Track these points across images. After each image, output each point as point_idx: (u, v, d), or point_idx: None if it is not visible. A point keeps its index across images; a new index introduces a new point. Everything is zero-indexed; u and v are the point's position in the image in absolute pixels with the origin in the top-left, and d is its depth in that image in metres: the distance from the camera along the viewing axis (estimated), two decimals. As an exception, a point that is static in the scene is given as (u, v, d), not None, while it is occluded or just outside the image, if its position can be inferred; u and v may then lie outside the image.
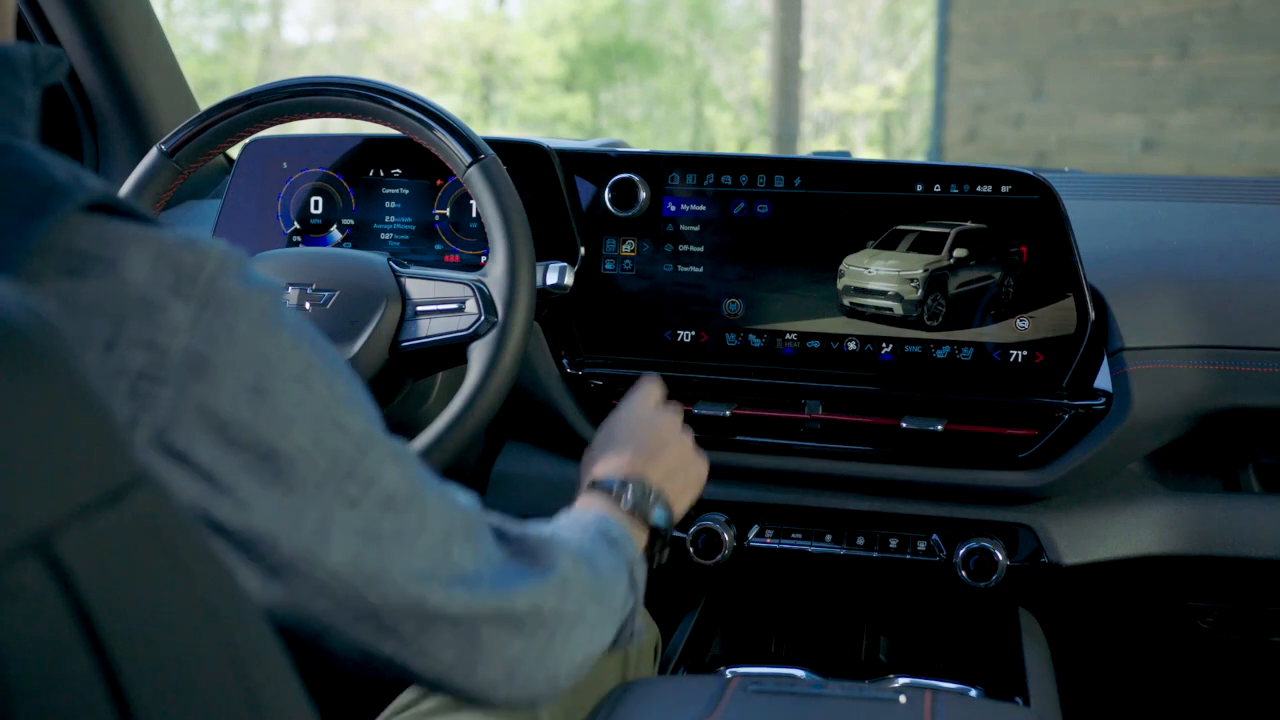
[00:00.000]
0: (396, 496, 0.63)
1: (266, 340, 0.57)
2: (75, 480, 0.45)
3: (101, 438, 0.47)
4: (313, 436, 0.58)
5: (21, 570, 0.42)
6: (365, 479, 0.61)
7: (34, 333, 0.45)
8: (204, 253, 0.55)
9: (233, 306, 0.56)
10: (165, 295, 0.54)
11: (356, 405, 0.62)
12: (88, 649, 0.44)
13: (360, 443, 0.61)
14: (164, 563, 0.49)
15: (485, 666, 0.68)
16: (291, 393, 0.58)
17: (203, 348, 0.54)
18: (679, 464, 1.02)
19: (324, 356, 0.61)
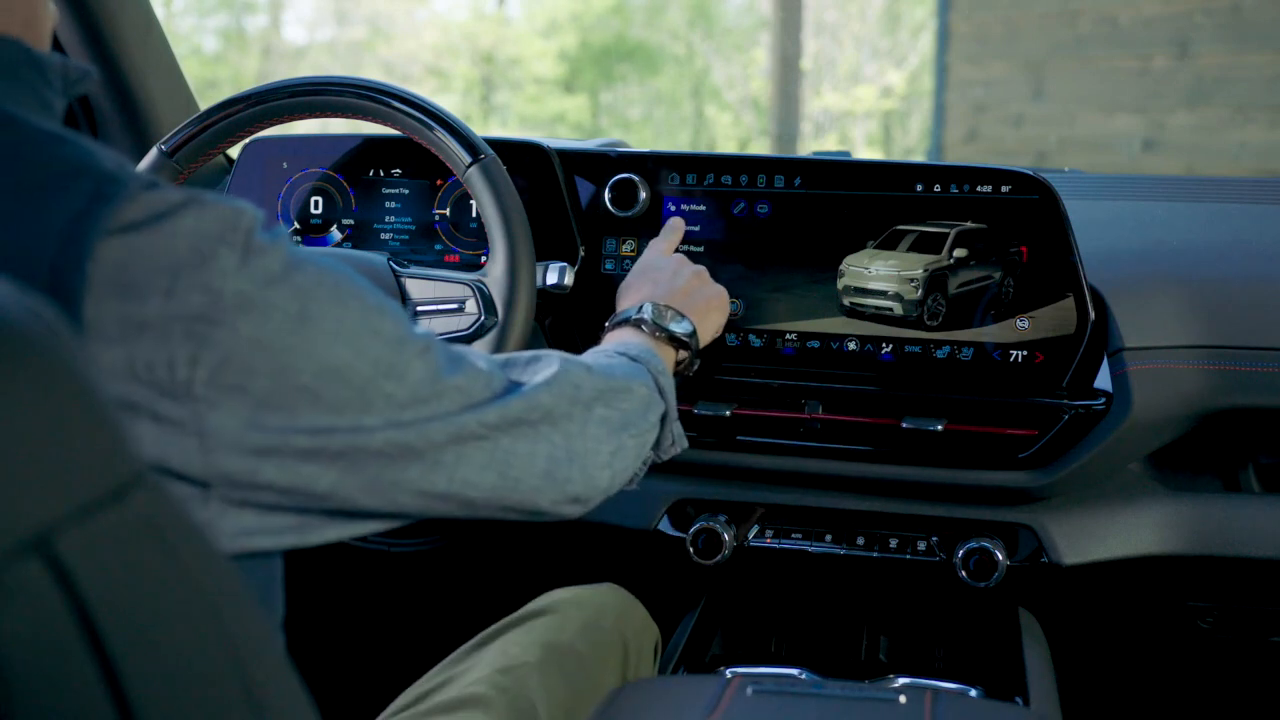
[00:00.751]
0: (422, 381, 0.70)
1: (298, 275, 0.64)
2: (75, 480, 0.45)
3: (101, 437, 0.47)
4: (354, 348, 0.66)
5: (21, 570, 0.42)
6: (399, 374, 0.69)
7: (34, 333, 0.45)
8: (239, 210, 0.62)
9: (267, 251, 0.63)
10: (213, 244, 0.60)
11: (385, 310, 0.69)
12: (88, 649, 0.44)
13: (394, 342, 0.69)
14: (164, 563, 0.49)
15: (525, 478, 0.77)
16: (330, 312, 0.65)
17: (249, 288, 0.61)
18: (695, 289, 1.13)
19: (347, 276, 0.68)
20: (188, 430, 0.60)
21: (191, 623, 0.50)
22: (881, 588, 1.34)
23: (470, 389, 0.74)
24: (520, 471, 0.77)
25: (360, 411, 0.67)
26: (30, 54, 0.65)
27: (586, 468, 0.83)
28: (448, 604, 1.67)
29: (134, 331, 0.58)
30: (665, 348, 1.05)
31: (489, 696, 0.98)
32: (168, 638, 0.48)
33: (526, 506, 0.79)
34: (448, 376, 0.72)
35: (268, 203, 1.43)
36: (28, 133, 0.61)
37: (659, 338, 1.05)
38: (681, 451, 1.00)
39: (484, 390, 0.75)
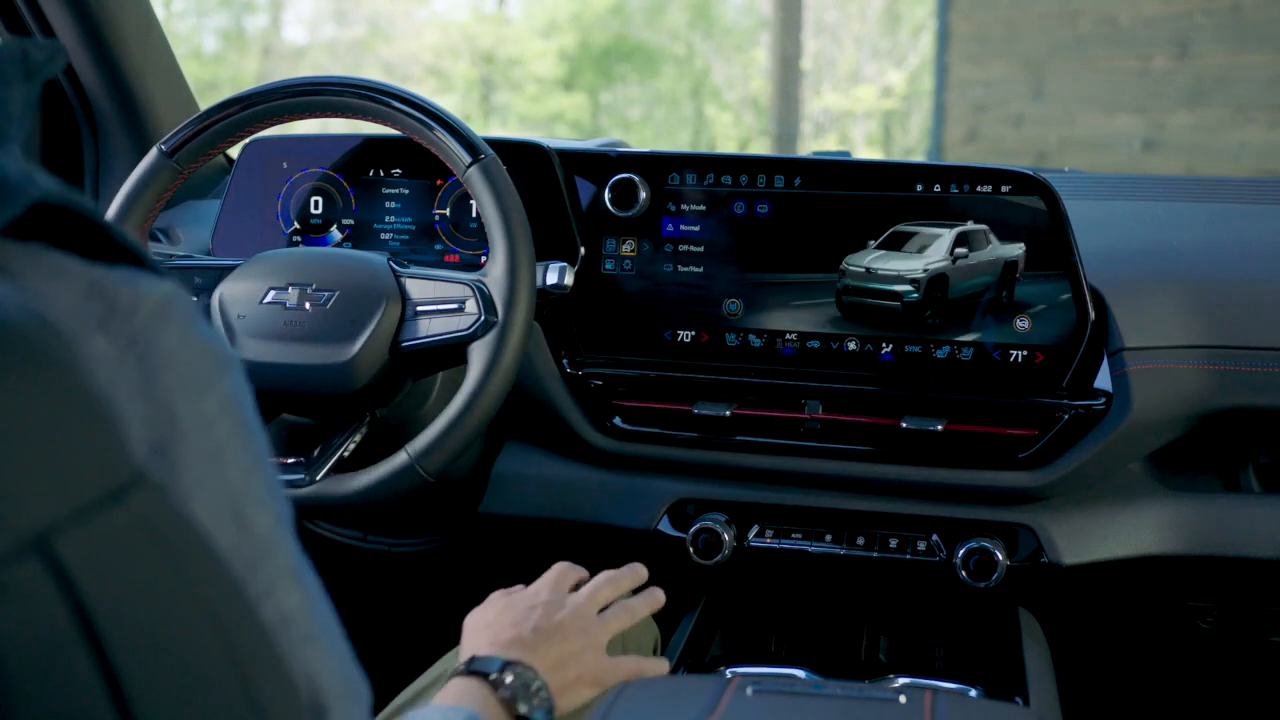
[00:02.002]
0: (291, 622, 0.54)
1: (185, 404, 0.49)
2: (75, 480, 0.45)
3: (101, 438, 0.47)
4: (210, 521, 0.50)
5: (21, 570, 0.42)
6: (261, 589, 0.53)
7: (34, 333, 0.45)
8: (145, 294, 0.49)
9: (159, 357, 0.49)
10: (91, 329, 0.47)
11: (269, 506, 0.53)
12: (88, 649, 0.44)
13: (262, 548, 0.53)
14: (164, 563, 0.49)
15: None
16: (197, 468, 0.50)
17: (118, 388, 0.48)
18: (576, 655, 0.95)
19: (250, 442, 0.53)
20: None
21: (191, 623, 0.50)
22: (881, 588, 1.34)
23: None
24: None
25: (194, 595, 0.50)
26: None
27: None
28: (448, 604, 1.67)
29: None
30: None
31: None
32: (167, 638, 0.48)
33: None
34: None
35: (268, 203, 1.43)
36: None
37: (509, 713, 0.88)
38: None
39: None
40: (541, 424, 1.35)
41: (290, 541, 0.54)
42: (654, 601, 1.05)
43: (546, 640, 0.93)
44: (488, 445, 1.40)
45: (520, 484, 1.37)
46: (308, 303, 1.18)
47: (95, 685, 0.45)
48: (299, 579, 0.54)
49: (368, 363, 1.16)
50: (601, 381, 1.32)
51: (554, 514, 1.37)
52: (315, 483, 1.18)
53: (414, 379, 1.26)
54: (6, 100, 0.53)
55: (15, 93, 0.53)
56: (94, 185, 1.69)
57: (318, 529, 1.56)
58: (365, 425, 1.23)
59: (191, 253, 1.45)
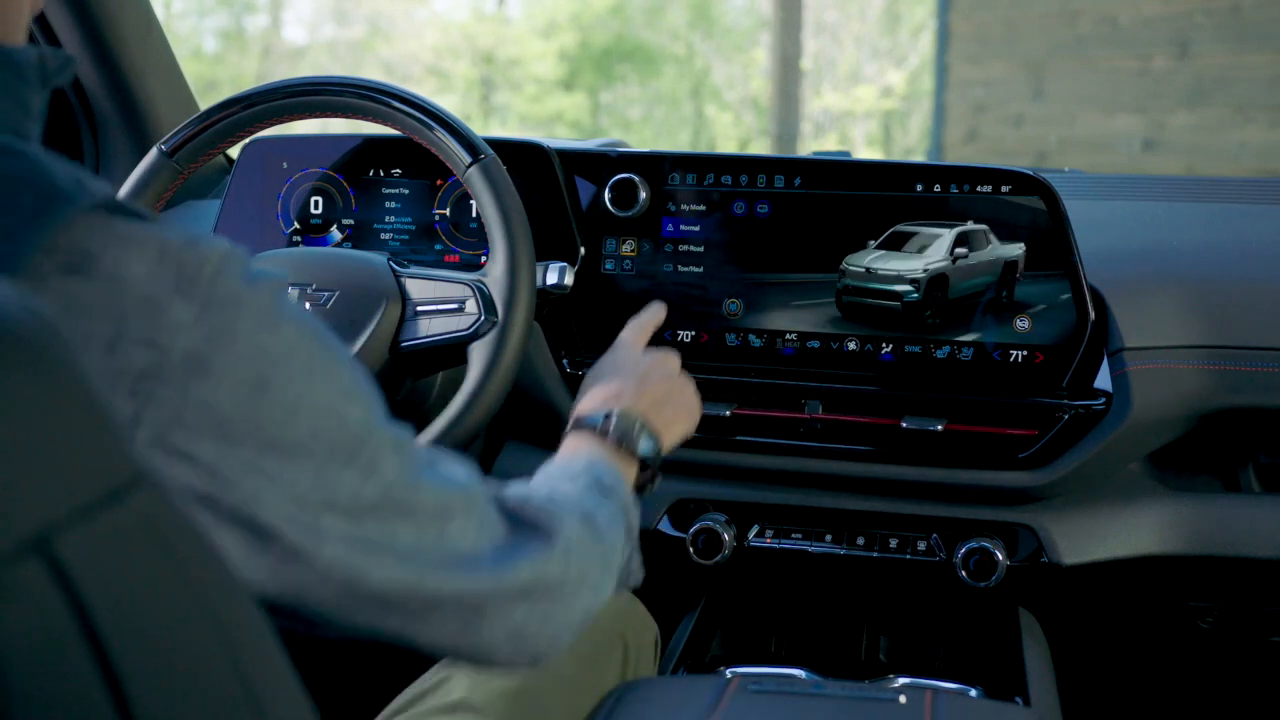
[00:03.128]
0: (394, 485, 0.63)
1: (268, 336, 0.57)
2: (75, 480, 0.45)
3: (101, 438, 0.47)
4: (312, 427, 0.59)
5: (21, 570, 0.42)
6: (364, 468, 0.61)
7: (34, 333, 0.45)
8: (206, 252, 0.55)
9: (234, 305, 0.56)
10: (167, 294, 0.54)
11: (358, 395, 0.62)
12: (88, 649, 0.44)
13: (359, 433, 0.61)
14: (164, 563, 0.49)
15: (488, 632, 0.68)
16: (293, 386, 0.58)
17: (203, 347, 0.55)
18: (665, 394, 1.03)
19: (327, 348, 0.61)
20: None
21: (191, 622, 0.50)
22: (881, 588, 1.34)
23: (461, 536, 0.66)
24: (488, 632, 0.68)
25: (317, 506, 0.59)
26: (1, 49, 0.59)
27: (556, 635, 0.73)
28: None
29: None
30: (630, 464, 0.96)
31: (488, 696, 0.98)
32: (167, 638, 0.48)
33: (479, 657, 0.70)
34: (429, 490, 0.65)
35: (268, 203, 1.43)
36: None
37: (623, 452, 0.96)
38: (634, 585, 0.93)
39: (476, 539, 0.67)
40: (541, 424, 1.35)
41: (385, 421, 0.64)
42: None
43: (638, 388, 1.01)
44: (488, 445, 1.40)
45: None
46: (308, 303, 1.18)
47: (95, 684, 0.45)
48: (399, 446, 0.64)
49: (367, 363, 1.16)
50: (601, 381, 1.32)
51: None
52: (315, 483, 1.17)
53: (414, 379, 1.26)
54: (28, 101, 0.58)
55: (34, 97, 0.58)
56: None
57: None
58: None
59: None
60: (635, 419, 0.97)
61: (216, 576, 0.52)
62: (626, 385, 1.02)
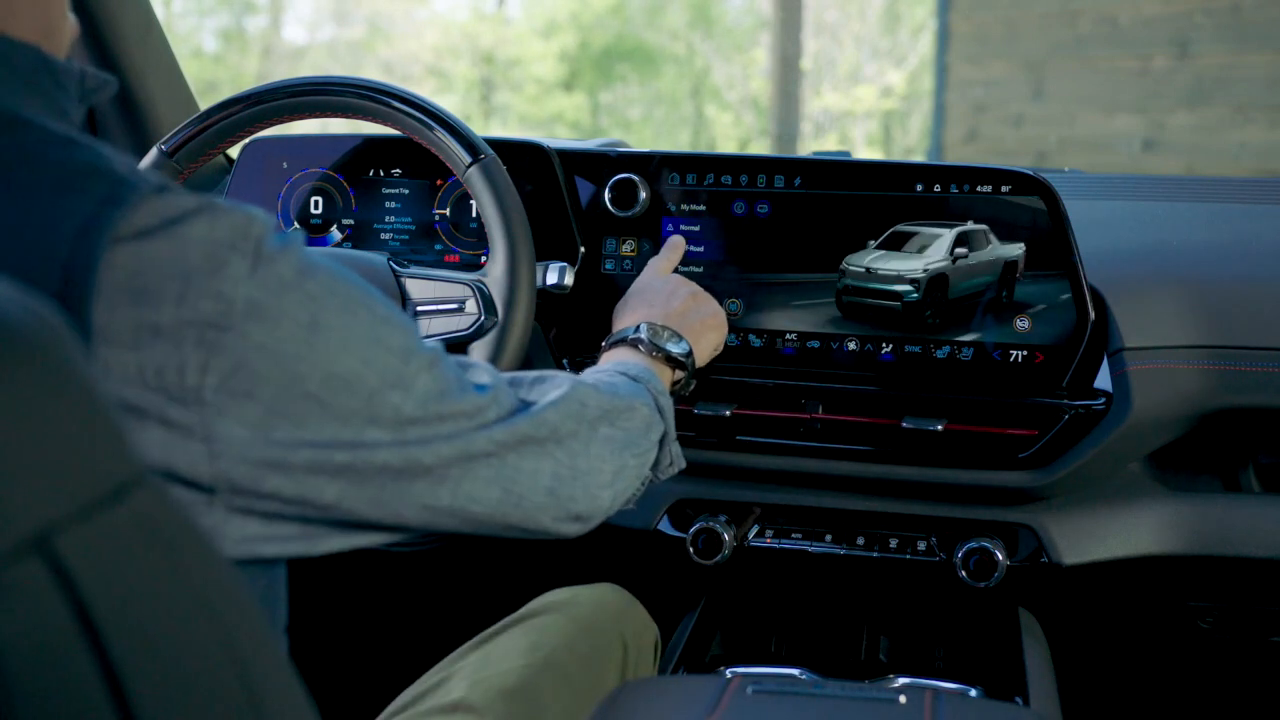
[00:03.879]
0: (430, 400, 0.71)
1: (311, 282, 0.65)
2: (75, 480, 0.45)
3: (101, 438, 0.47)
4: (362, 357, 0.67)
5: (21, 570, 0.42)
6: (406, 386, 0.69)
7: (35, 333, 0.45)
8: (250, 216, 0.63)
9: (279, 258, 0.63)
10: (225, 251, 0.61)
11: (393, 321, 0.70)
12: (88, 649, 0.44)
13: (401, 355, 0.69)
14: (164, 563, 0.49)
15: (529, 494, 0.78)
16: (340, 322, 0.66)
17: (261, 295, 0.62)
18: (691, 308, 1.14)
19: (358, 286, 0.69)
20: (195, 436, 0.61)
21: (191, 622, 0.50)
22: (881, 588, 1.34)
23: (479, 409, 0.75)
24: (525, 488, 0.78)
25: (366, 423, 0.67)
26: (48, 61, 0.66)
27: (590, 486, 0.84)
28: (448, 604, 1.67)
29: (145, 337, 0.59)
30: (662, 368, 1.06)
31: (488, 697, 0.98)
32: (167, 637, 0.49)
33: (529, 524, 0.80)
34: (457, 396, 0.73)
35: (268, 203, 1.43)
36: (40, 135, 0.62)
37: (656, 357, 1.06)
38: (679, 470, 1.01)
39: (493, 409, 0.76)
40: (541, 424, 1.35)
41: (417, 340, 0.72)
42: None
43: (666, 303, 1.12)
44: (488, 445, 1.39)
45: (520, 484, 1.37)
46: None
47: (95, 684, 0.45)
48: (432, 365, 0.72)
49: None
50: (601, 381, 1.32)
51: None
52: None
53: (414, 379, 1.26)
54: (68, 110, 0.67)
55: (74, 107, 0.67)
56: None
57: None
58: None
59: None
60: (663, 328, 1.07)
61: (216, 576, 0.52)
62: (655, 304, 1.12)
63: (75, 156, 0.61)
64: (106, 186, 0.59)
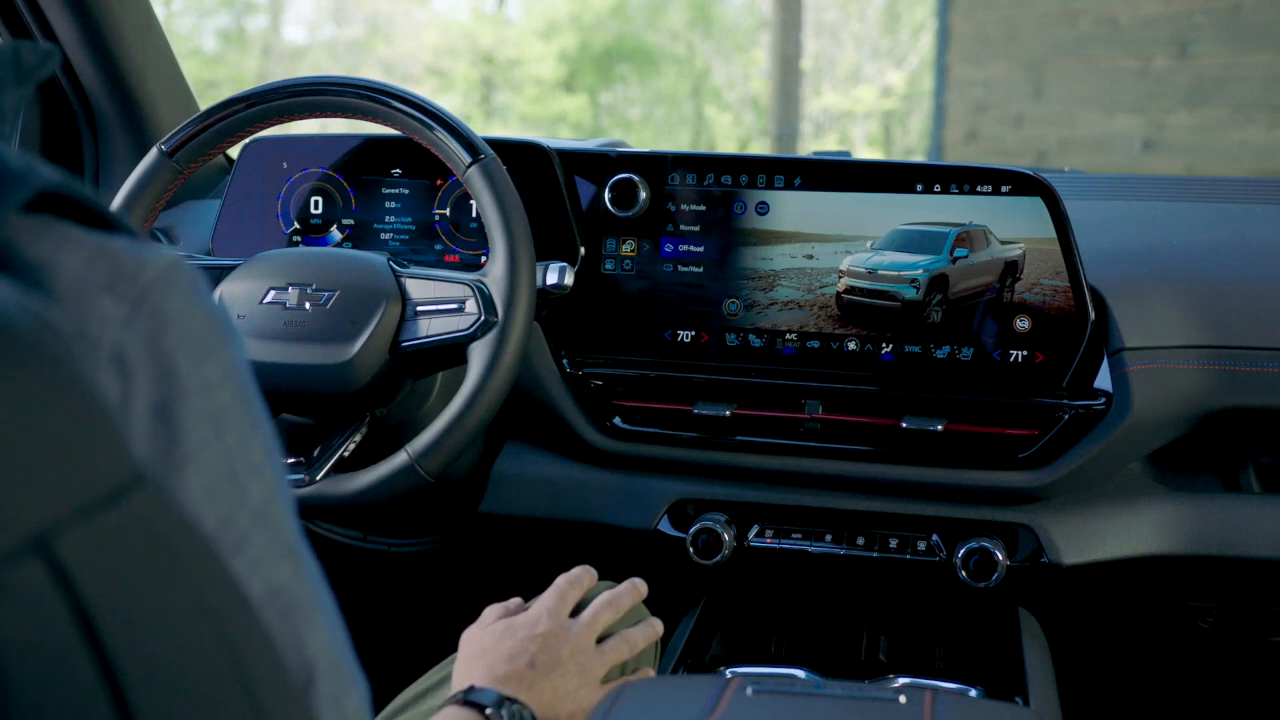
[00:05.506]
0: (282, 595, 0.54)
1: (187, 365, 0.50)
2: (75, 480, 0.45)
3: (101, 438, 0.47)
4: (206, 487, 0.51)
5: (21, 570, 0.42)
6: (252, 559, 0.53)
7: (34, 333, 0.45)
8: (147, 259, 0.50)
9: (163, 317, 0.50)
10: (97, 291, 0.49)
11: (266, 477, 0.53)
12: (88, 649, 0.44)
13: (256, 517, 0.53)
14: (164, 563, 0.49)
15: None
16: (197, 432, 0.51)
17: (129, 346, 0.49)
18: (573, 691, 0.95)
19: (249, 411, 0.53)
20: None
21: (190, 623, 0.50)
22: (881, 588, 1.34)
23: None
24: None
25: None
26: None
27: None
28: (448, 604, 1.67)
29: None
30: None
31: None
32: (167, 639, 0.48)
33: None
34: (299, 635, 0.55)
35: (268, 203, 1.43)
36: None
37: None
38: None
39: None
40: (541, 424, 1.35)
41: (287, 514, 0.54)
42: (652, 633, 1.04)
43: (544, 677, 0.93)
44: (488, 445, 1.40)
45: (520, 484, 1.37)
46: (308, 303, 1.18)
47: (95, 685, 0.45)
48: (292, 553, 0.54)
49: (368, 363, 1.16)
50: (601, 381, 1.32)
51: (554, 514, 1.37)
52: (315, 483, 1.18)
53: (414, 379, 1.26)
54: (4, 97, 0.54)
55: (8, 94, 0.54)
56: (94, 185, 1.69)
57: (318, 529, 1.56)
58: (365, 425, 1.23)
59: (191, 253, 1.45)
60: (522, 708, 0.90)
61: (217, 576, 0.52)
62: (536, 667, 0.93)
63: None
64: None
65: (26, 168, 0.48)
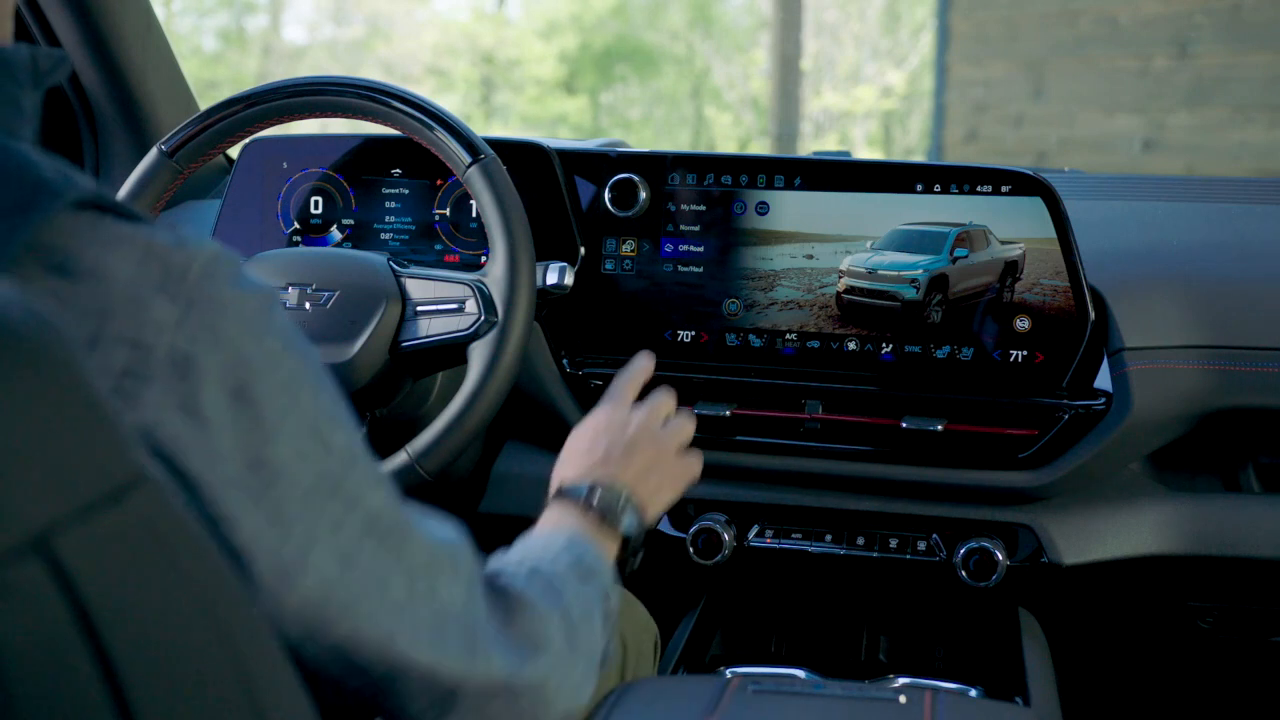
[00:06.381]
0: (380, 521, 0.60)
1: (252, 345, 0.55)
2: (75, 480, 0.45)
3: (101, 438, 0.47)
4: (296, 449, 0.56)
5: (21, 570, 0.42)
6: (349, 499, 0.59)
7: (34, 333, 0.45)
8: (193, 253, 0.54)
9: (219, 308, 0.54)
10: (150, 293, 0.52)
11: (341, 422, 0.59)
12: (88, 649, 0.44)
13: (344, 460, 0.59)
14: (164, 563, 0.49)
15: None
16: (276, 401, 0.56)
17: (188, 347, 0.53)
18: (653, 463, 0.99)
19: (313, 368, 0.59)
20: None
21: (190, 622, 0.50)
22: (881, 588, 1.34)
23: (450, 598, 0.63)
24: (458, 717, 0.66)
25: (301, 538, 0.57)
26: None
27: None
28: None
29: None
30: (611, 540, 0.93)
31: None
32: (167, 638, 0.48)
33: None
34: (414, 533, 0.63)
35: (268, 203, 1.43)
36: None
37: (605, 528, 0.93)
38: None
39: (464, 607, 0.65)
40: (542, 424, 1.35)
41: (366, 451, 0.61)
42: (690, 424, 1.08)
43: (625, 457, 0.97)
44: (488, 445, 1.40)
45: (520, 484, 1.37)
46: (308, 303, 1.18)
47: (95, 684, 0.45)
48: (382, 480, 0.61)
49: (367, 363, 1.16)
50: (601, 381, 1.32)
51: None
52: (315, 483, 1.17)
53: (414, 379, 1.26)
54: (20, 100, 0.57)
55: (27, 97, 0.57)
56: (94, 185, 1.68)
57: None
58: (365, 425, 1.23)
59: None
60: (620, 493, 0.93)
61: (216, 576, 0.52)
62: (613, 451, 0.97)
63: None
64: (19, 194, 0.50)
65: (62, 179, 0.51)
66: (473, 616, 0.66)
